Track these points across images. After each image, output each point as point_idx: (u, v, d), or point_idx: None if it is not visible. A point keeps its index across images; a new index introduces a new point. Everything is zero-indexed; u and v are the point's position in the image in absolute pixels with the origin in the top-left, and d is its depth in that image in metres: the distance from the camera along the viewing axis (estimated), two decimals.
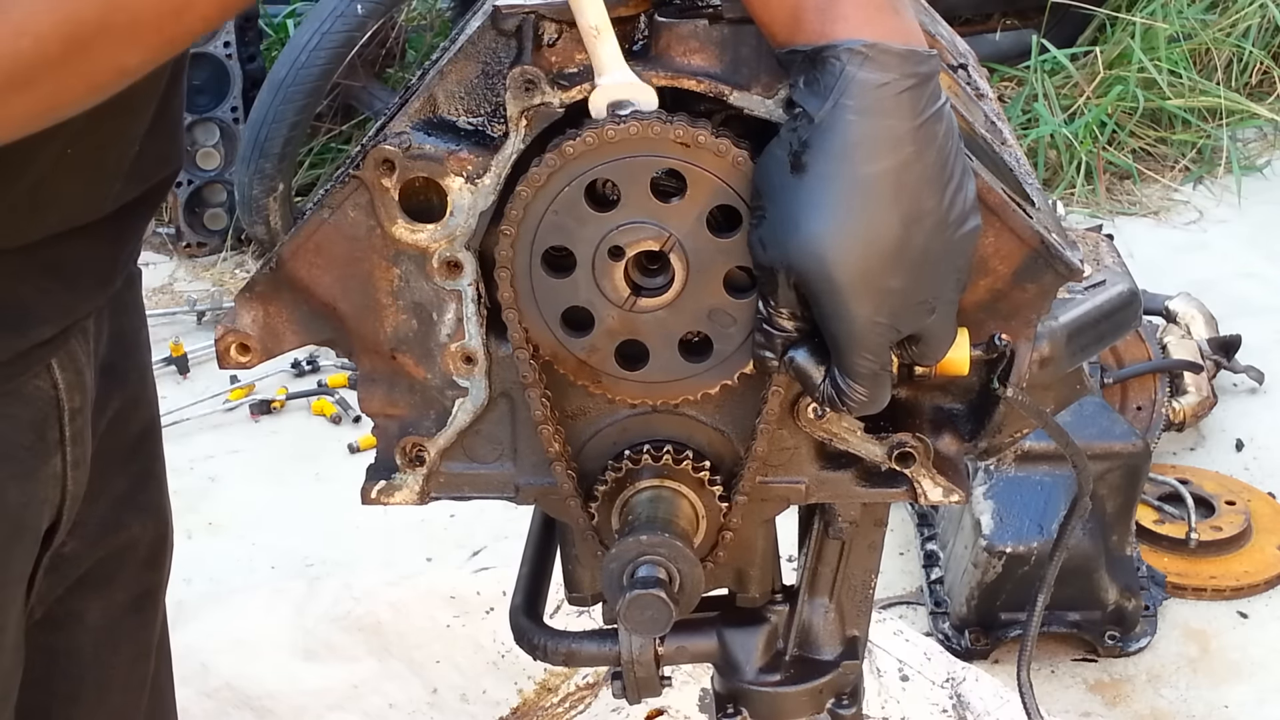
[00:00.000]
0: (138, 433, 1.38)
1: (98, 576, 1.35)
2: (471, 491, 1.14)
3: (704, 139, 0.96)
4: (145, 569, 1.42)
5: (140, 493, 1.40)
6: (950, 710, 2.38)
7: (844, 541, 1.22)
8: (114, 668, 1.42)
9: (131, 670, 1.45)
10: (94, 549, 1.33)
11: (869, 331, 0.94)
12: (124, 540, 1.37)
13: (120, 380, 1.32)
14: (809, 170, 0.91)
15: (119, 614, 1.40)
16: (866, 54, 0.89)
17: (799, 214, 0.92)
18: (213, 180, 4.47)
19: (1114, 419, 2.86)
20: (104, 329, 1.27)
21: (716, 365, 1.04)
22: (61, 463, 1.20)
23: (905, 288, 0.93)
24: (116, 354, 1.30)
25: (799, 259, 0.92)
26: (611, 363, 1.05)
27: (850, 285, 0.92)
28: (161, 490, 1.45)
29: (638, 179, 0.98)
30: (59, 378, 1.17)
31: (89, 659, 1.38)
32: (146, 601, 1.44)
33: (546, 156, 0.97)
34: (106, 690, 1.41)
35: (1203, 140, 4.91)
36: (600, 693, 2.48)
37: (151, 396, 1.42)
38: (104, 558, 1.34)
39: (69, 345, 1.18)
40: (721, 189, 0.98)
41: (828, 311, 0.94)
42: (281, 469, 3.55)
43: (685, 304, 1.02)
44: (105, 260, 1.20)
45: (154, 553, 1.43)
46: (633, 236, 1.00)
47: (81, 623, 1.36)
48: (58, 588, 1.30)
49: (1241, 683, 2.83)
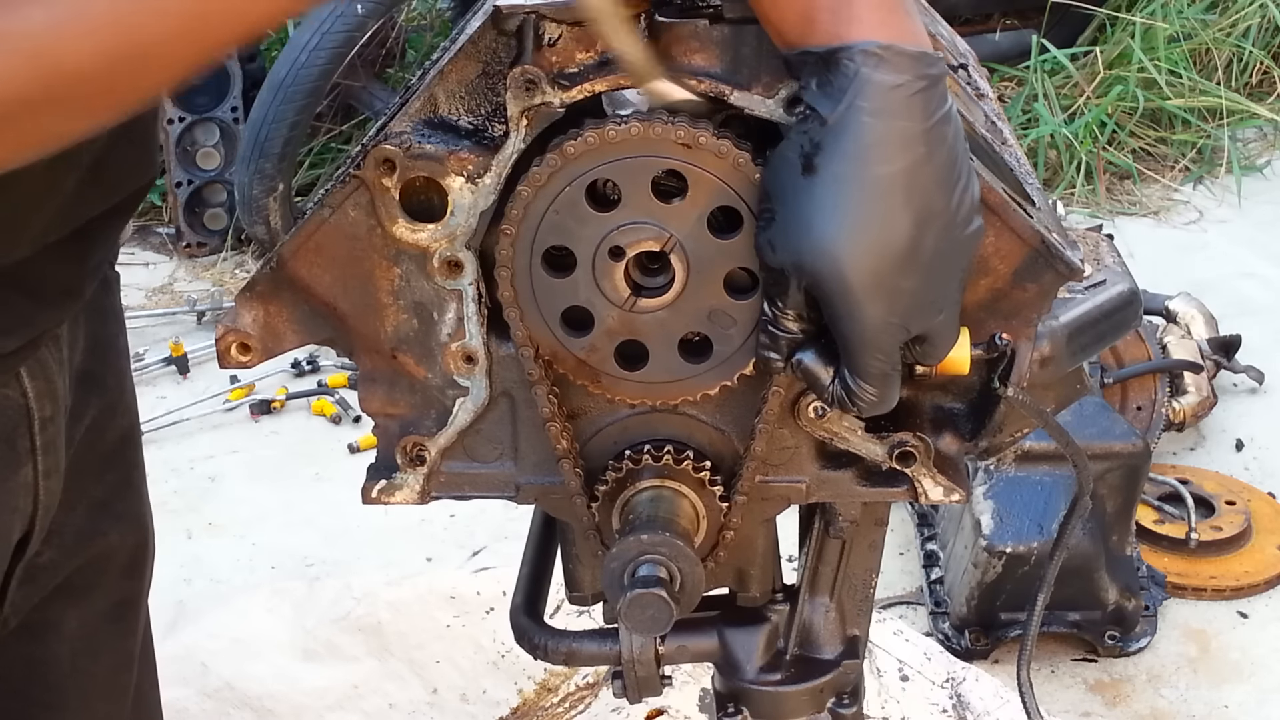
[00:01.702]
0: (116, 440, 1.36)
1: (76, 585, 1.33)
2: (472, 491, 1.14)
3: (705, 140, 0.96)
4: (124, 578, 1.41)
5: (119, 501, 1.38)
6: (950, 710, 2.38)
7: (844, 541, 1.22)
8: (94, 677, 1.40)
9: (113, 680, 1.43)
10: (72, 558, 1.31)
11: (882, 332, 0.94)
12: (102, 549, 1.35)
13: (98, 387, 1.30)
14: (821, 172, 0.91)
15: (98, 623, 1.39)
16: (881, 55, 0.89)
17: (812, 216, 0.92)
18: (213, 180, 4.48)
19: (1114, 419, 2.86)
20: (79, 336, 1.25)
21: (716, 366, 1.04)
22: (33, 472, 1.18)
23: (917, 288, 0.93)
24: (93, 361, 1.28)
25: (812, 260, 0.92)
26: (611, 363, 1.05)
27: (864, 286, 0.92)
28: (141, 498, 1.43)
29: (638, 179, 0.98)
30: (28, 386, 1.16)
31: (68, 668, 1.37)
32: (126, 610, 1.43)
33: (547, 156, 0.97)
34: (87, 700, 1.40)
35: (1203, 140, 4.91)
36: (600, 693, 2.48)
37: (130, 403, 1.41)
38: (82, 566, 1.33)
39: (39, 354, 1.16)
40: (723, 190, 0.98)
41: (840, 313, 0.93)
42: (281, 469, 3.55)
43: (685, 305, 1.02)
44: (73, 273, 1.18)
45: (134, 561, 1.42)
46: (633, 237, 1.00)
47: (59, 632, 1.35)
48: (34, 597, 1.28)
49: (1241, 683, 2.83)
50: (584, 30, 0.98)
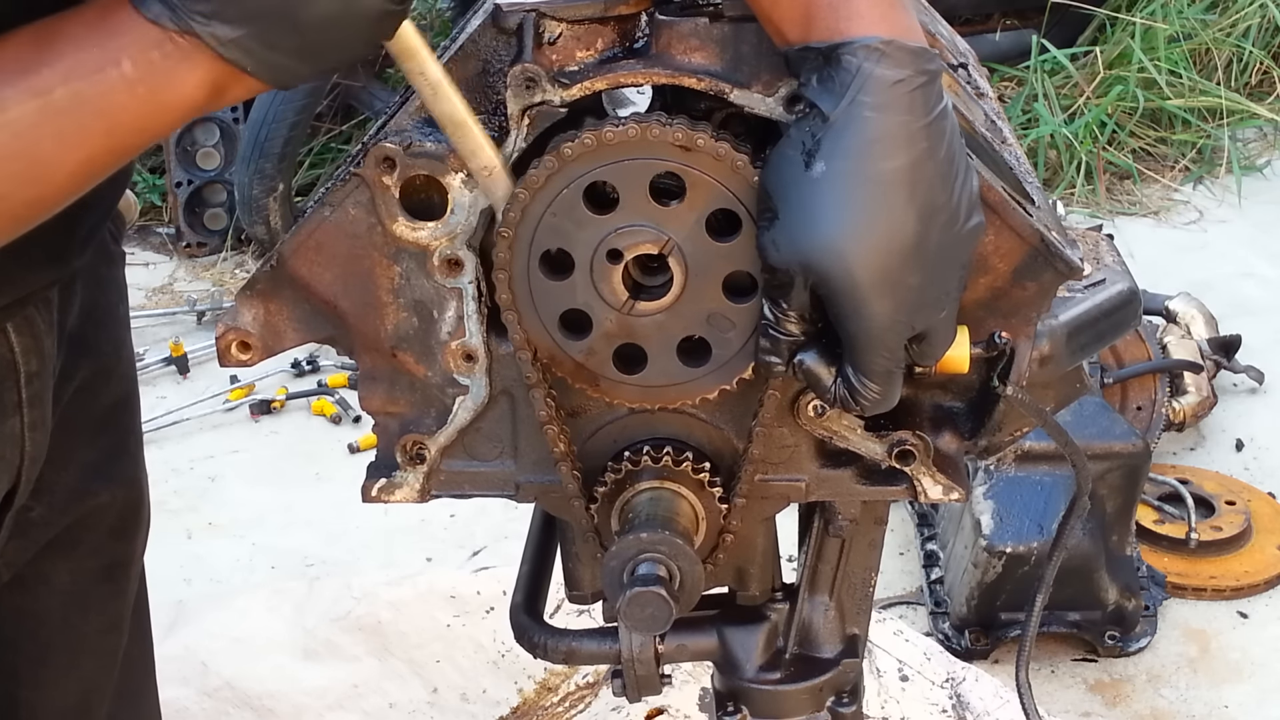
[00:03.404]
0: (110, 404, 1.39)
1: (65, 541, 1.36)
2: (472, 489, 1.14)
3: (703, 142, 0.96)
4: (115, 538, 1.43)
5: (111, 463, 1.41)
6: (950, 710, 2.38)
7: (844, 539, 1.22)
8: (83, 634, 1.43)
9: (101, 639, 1.46)
10: (62, 515, 1.34)
11: (889, 329, 0.94)
12: (92, 507, 1.38)
13: (90, 351, 1.33)
14: (824, 168, 0.91)
15: (88, 580, 1.41)
16: (883, 50, 0.89)
17: (816, 213, 0.91)
18: (213, 180, 4.47)
19: (1114, 419, 2.86)
20: (73, 301, 1.28)
21: (715, 370, 1.04)
22: (20, 424, 1.21)
23: (922, 284, 0.93)
24: (88, 326, 1.31)
25: (818, 258, 0.92)
26: (609, 366, 1.04)
27: (871, 283, 0.92)
28: (136, 463, 1.46)
29: (636, 182, 0.98)
30: (14, 341, 1.18)
31: (58, 622, 1.40)
32: (118, 572, 1.46)
33: (545, 159, 0.97)
34: (75, 655, 1.43)
35: (1203, 140, 4.91)
36: (600, 692, 2.47)
37: (128, 372, 1.43)
38: (72, 524, 1.36)
39: (26, 311, 1.19)
40: (721, 193, 0.98)
41: (847, 310, 0.93)
42: (281, 469, 3.55)
43: (684, 307, 1.02)
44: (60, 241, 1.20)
45: (124, 522, 1.44)
46: (631, 240, 0.99)
47: (50, 585, 1.38)
48: (26, 551, 1.31)
49: (1241, 683, 2.83)
50: (585, 29, 0.98)
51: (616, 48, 0.99)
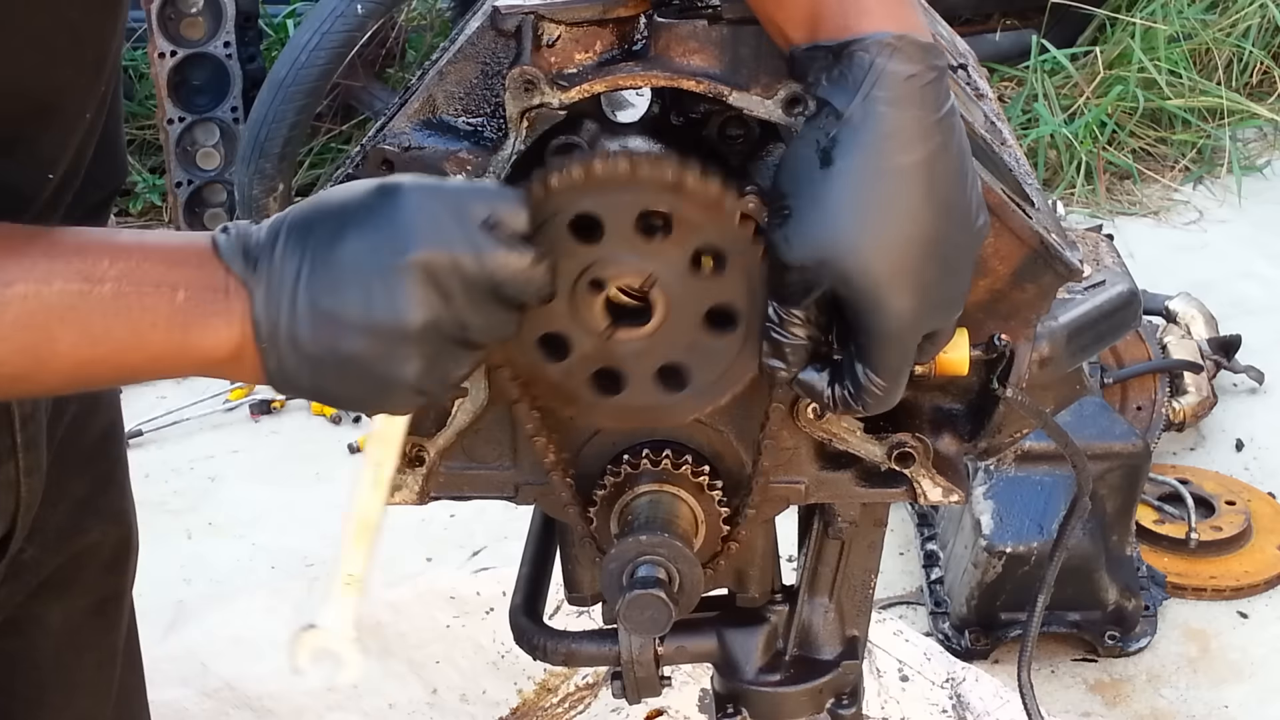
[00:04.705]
0: (97, 436, 1.37)
1: (58, 581, 1.33)
2: (471, 491, 1.14)
3: (692, 182, 0.95)
4: (107, 573, 1.41)
5: (100, 497, 1.38)
6: (950, 710, 2.38)
7: (844, 541, 1.22)
8: (78, 672, 1.41)
9: (97, 675, 1.44)
10: (54, 555, 1.31)
11: (907, 327, 0.93)
12: (84, 545, 1.36)
13: None
14: (840, 165, 0.90)
15: (81, 618, 1.39)
16: (895, 45, 0.89)
17: (834, 208, 0.91)
18: (213, 180, 4.47)
19: (1114, 419, 2.86)
20: None
21: (694, 395, 1.03)
22: (15, 470, 1.18)
23: (939, 280, 0.93)
24: None
25: (836, 254, 0.91)
26: (586, 389, 1.03)
27: (889, 279, 0.91)
28: (124, 494, 1.43)
29: (622, 216, 0.96)
30: None
31: (51, 663, 1.37)
32: (110, 606, 1.44)
33: (532, 186, 0.95)
34: (71, 695, 1.40)
35: (1203, 140, 4.90)
36: (600, 693, 2.48)
37: (112, 399, 1.41)
38: (64, 563, 1.33)
39: None
40: (707, 232, 0.97)
41: (865, 306, 0.92)
42: (281, 469, 3.55)
43: (664, 337, 1.00)
44: None
45: (116, 557, 1.42)
46: (614, 270, 0.98)
47: (42, 627, 1.35)
48: (18, 594, 1.29)
49: (1241, 683, 2.83)
50: (583, 31, 0.98)
51: (615, 50, 0.99)
